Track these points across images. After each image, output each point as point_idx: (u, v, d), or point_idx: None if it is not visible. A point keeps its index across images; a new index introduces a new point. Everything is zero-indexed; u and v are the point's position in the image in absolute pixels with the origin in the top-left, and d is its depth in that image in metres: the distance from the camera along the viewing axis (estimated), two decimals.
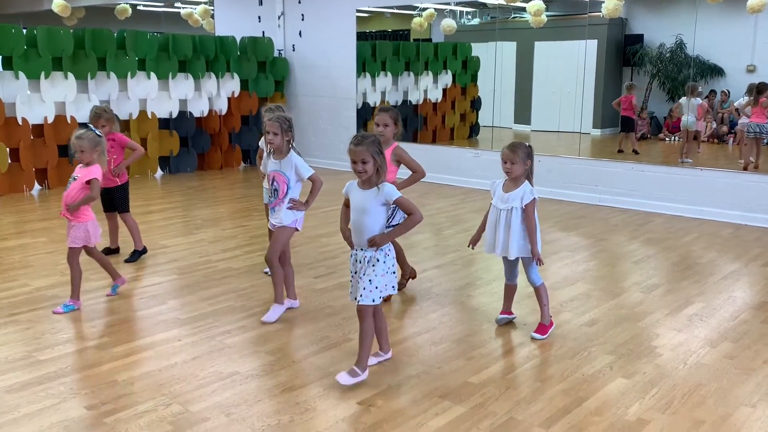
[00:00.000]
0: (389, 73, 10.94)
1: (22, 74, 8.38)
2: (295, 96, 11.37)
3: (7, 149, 8.37)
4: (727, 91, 9.47)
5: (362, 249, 3.37)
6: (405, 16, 11.02)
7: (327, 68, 10.81)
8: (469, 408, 3.19)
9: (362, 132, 3.48)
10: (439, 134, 11.33)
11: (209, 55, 10.30)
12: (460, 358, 3.75)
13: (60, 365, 3.61)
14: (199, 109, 10.35)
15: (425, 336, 4.08)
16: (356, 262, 3.40)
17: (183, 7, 13.82)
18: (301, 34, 11.05)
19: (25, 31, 8.55)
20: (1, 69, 8.42)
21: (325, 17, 10.68)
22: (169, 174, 10.14)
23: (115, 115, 5.72)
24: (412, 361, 3.70)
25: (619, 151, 9.63)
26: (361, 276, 3.36)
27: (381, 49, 10.82)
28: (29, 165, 8.56)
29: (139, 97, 9.61)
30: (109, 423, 3.02)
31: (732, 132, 9.64)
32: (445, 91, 11.34)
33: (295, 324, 4.25)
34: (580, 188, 8.37)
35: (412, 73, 11.13)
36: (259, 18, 11.42)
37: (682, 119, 9.11)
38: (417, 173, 4.53)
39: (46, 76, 8.59)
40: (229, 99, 10.67)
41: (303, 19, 10.95)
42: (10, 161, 8.42)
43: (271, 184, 4.15)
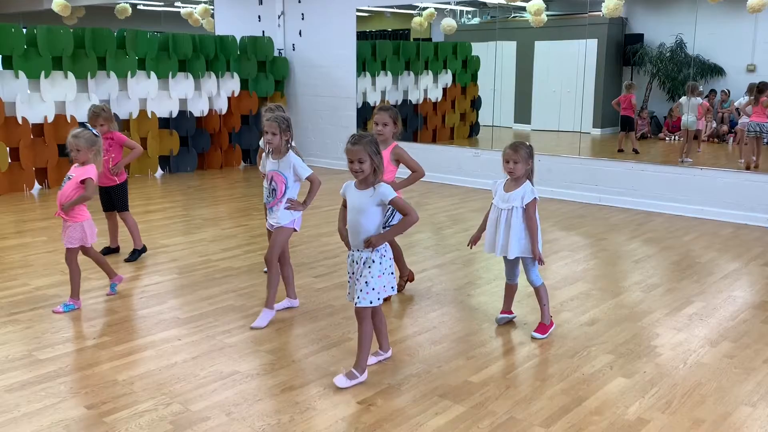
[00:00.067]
0: (389, 73, 10.94)
1: (22, 73, 8.38)
2: (295, 95, 11.37)
3: (7, 148, 8.37)
4: (727, 90, 9.47)
5: (358, 250, 3.36)
6: (405, 16, 11.02)
7: (327, 68, 10.81)
8: (469, 407, 3.19)
9: (359, 131, 3.46)
10: (439, 134, 11.33)
11: (209, 55, 10.30)
12: (460, 358, 3.75)
13: (60, 364, 3.61)
14: (199, 108, 10.34)
15: (425, 335, 4.08)
16: (353, 263, 3.39)
17: (183, 7, 13.81)
18: (301, 34, 11.05)
19: (25, 31, 8.55)
20: (1, 68, 8.42)
21: (325, 17, 10.67)
22: (169, 173, 10.14)
23: (114, 114, 5.71)
24: (412, 361, 3.70)
25: (620, 151, 9.63)
26: (357, 278, 3.35)
27: (381, 49, 10.82)
28: (29, 164, 8.57)
29: (139, 97, 9.61)
30: (109, 422, 3.02)
31: (732, 131, 9.64)
32: (445, 90, 11.34)
33: (295, 323, 4.25)
34: (580, 187, 8.37)
35: (412, 73, 11.12)
36: (259, 17, 11.42)
37: (683, 119, 9.11)
38: (416, 173, 4.52)
39: (46, 76, 8.59)
40: (229, 98, 10.67)
41: (303, 19, 10.95)
42: (10, 160, 8.43)
43: (270, 183, 4.14)
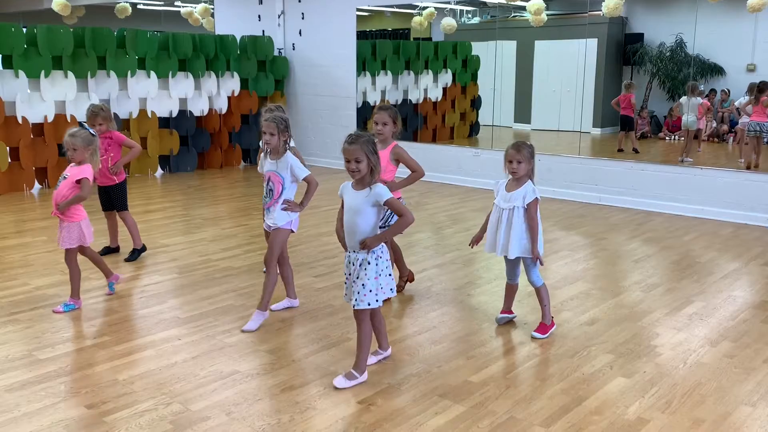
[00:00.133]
0: (389, 72, 10.94)
1: (22, 73, 8.38)
2: (295, 95, 11.37)
3: (7, 148, 8.37)
4: (728, 90, 9.47)
5: (354, 251, 3.34)
6: (405, 15, 11.02)
7: (327, 67, 10.81)
8: (469, 407, 3.19)
9: (357, 131, 3.44)
10: (439, 133, 11.33)
11: (209, 54, 10.30)
12: (460, 357, 3.75)
13: (60, 364, 3.61)
14: (199, 108, 10.34)
15: (425, 335, 4.09)
16: (349, 264, 3.37)
17: (183, 6, 13.81)
18: (301, 33, 11.05)
19: (25, 30, 8.55)
20: (1, 68, 8.42)
21: (325, 16, 10.67)
22: (169, 173, 10.14)
23: (114, 114, 5.70)
24: (412, 360, 3.70)
25: (619, 150, 9.63)
26: (354, 279, 3.34)
27: (381, 48, 10.81)
28: (29, 164, 8.57)
29: (139, 96, 9.60)
30: (109, 422, 3.02)
31: (732, 131, 9.64)
32: (445, 90, 11.34)
33: (295, 323, 4.25)
34: (580, 187, 8.37)
35: (412, 72, 11.12)
36: (259, 17, 11.41)
37: (683, 118, 9.11)
38: (416, 172, 4.51)
39: (46, 75, 8.59)
40: (229, 98, 10.67)
41: (303, 18, 10.95)
42: (10, 160, 8.43)
43: (267, 184, 4.13)
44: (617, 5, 8.26)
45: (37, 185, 8.78)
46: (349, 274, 3.38)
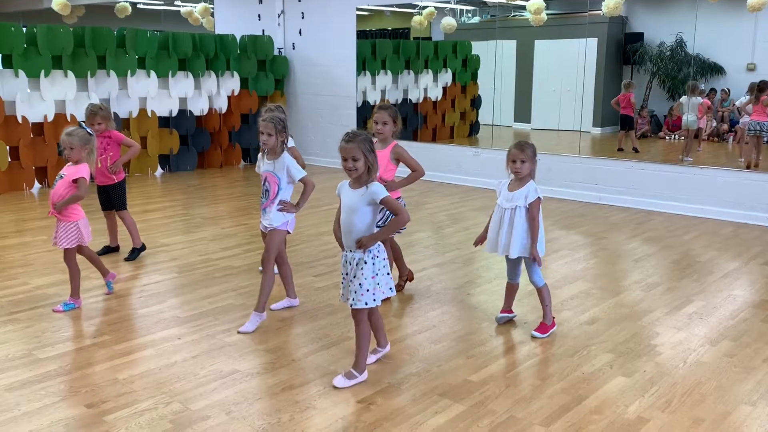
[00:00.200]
0: (389, 72, 10.94)
1: (21, 72, 8.38)
2: (295, 94, 11.37)
3: (7, 147, 8.37)
4: (728, 89, 9.46)
5: (351, 251, 3.33)
6: (405, 15, 11.01)
7: (327, 66, 10.81)
8: (469, 406, 3.19)
9: (353, 129, 3.42)
10: (439, 133, 11.33)
11: (209, 54, 10.30)
12: (460, 357, 3.75)
13: (60, 363, 3.61)
14: (199, 107, 10.34)
15: (425, 334, 4.08)
16: (346, 263, 3.36)
17: (183, 6, 13.80)
18: (301, 33, 11.04)
19: (25, 30, 8.55)
20: (1, 67, 8.42)
21: (325, 15, 10.67)
22: (169, 172, 10.14)
23: (113, 112, 5.70)
24: (412, 360, 3.70)
25: (619, 150, 9.63)
26: (351, 279, 3.32)
27: (381, 48, 10.81)
28: (29, 163, 8.57)
29: (139, 96, 9.60)
30: (109, 421, 3.02)
31: (732, 130, 9.64)
32: (445, 89, 11.33)
33: (295, 322, 4.25)
34: (580, 187, 8.37)
35: (412, 72, 11.12)
36: (259, 16, 11.41)
37: (683, 118, 9.11)
38: (416, 172, 4.51)
39: (46, 75, 8.59)
40: (229, 97, 10.67)
41: (303, 18, 10.95)
42: (10, 159, 8.43)
43: (263, 184, 4.12)
44: (617, 5, 8.25)
45: (37, 184, 8.77)
46: (346, 274, 3.37)
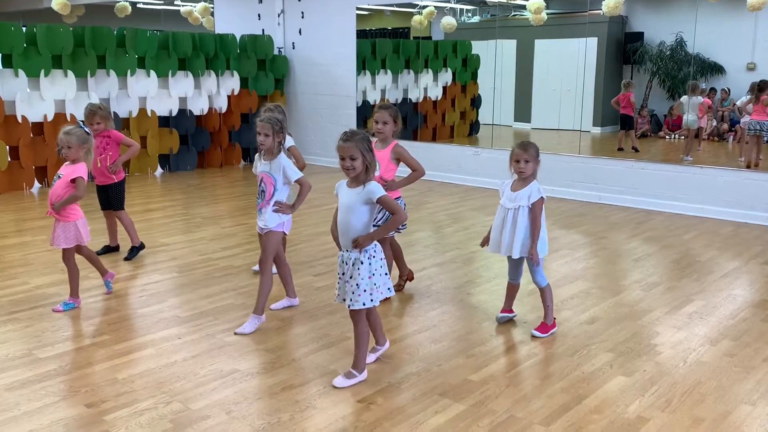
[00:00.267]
0: (389, 71, 10.93)
1: (21, 72, 8.37)
2: (295, 94, 11.37)
3: (7, 147, 8.37)
4: (728, 89, 9.46)
5: (348, 250, 3.32)
6: (405, 14, 11.01)
7: (327, 66, 10.81)
8: (469, 406, 3.19)
9: (351, 128, 3.41)
10: (439, 132, 11.32)
11: (209, 53, 10.30)
12: (460, 356, 3.75)
13: (60, 363, 3.61)
14: (199, 107, 10.34)
15: (425, 334, 4.08)
16: (343, 263, 3.34)
17: (183, 5, 13.80)
18: (301, 32, 11.04)
19: (25, 29, 8.54)
20: (1, 67, 8.41)
21: (325, 15, 10.67)
22: (169, 172, 10.14)
23: (113, 111, 5.70)
24: (412, 359, 3.70)
25: (619, 149, 9.62)
26: (347, 279, 3.31)
27: (381, 47, 10.81)
28: (29, 163, 8.56)
29: (139, 95, 9.60)
30: (109, 421, 3.02)
31: (732, 130, 9.64)
32: (445, 89, 11.33)
33: (295, 322, 4.25)
34: (580, 186, 8.37)
35: (412, 71, 11.12)
36: (259, 16, 11.41)
37: (684, 117, 9.11)
38: (417, 172, 4.51)
39: (46, 74, 8.58)
40: (229, 97, 10.67)
41: (303, 17, 10.94)
42: (9, 159, 8.43)
43: (259, 185, 4.11)
44: (617, 4, 8.25)
45: (37, 184, 8.77)
46: (342, 274, 3.35)
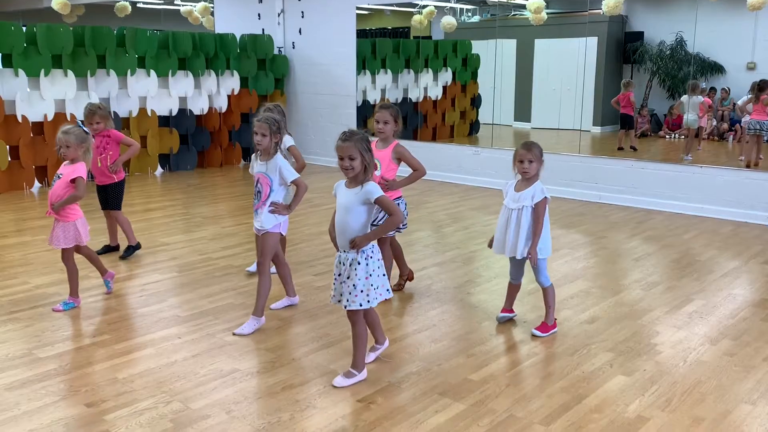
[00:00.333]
0: (389, 71, 10.93)
1: (21, 72, 8.37)
2: (295, 93, 11.37)
3: (7, 147, 8.37)
4: (728, 88, 9.47)
5: (345, 251, 3.31)
6: (405, 14, 11.01)
7: (327, 66, 10.81)
8: (469, 405, 3.19)
9: (350, 128, 3.40)
10: (439, 132, 11.32)
11: (209, 53, 10.30)
12: (460, 356, 3.75)
13: (60, 363, 3.61)
14: (199, 106, 10.34)
15: (425, 333, 4.08)
16: (340, 264, 3.33)
17: (183, 5, 13.80)
18: (301, 32, 11.04)
19: (25, 29, 8.54)
20: (1, 66, 8.41)
21: (325, 15, 10.67)
22: (169, 172, 10.14)
23: (113, 111, 5.69)
24: (412, 359, 3.70)
25: (619, 149, 9.63)
26: (344, 279, 3.30)
27: (381, 47, 10.81)
28: (29, 162, 8.56)
29: (139, 95, 9.59)
30: (110, 420, 3.02)
31: (732, 129, 9.64)
32: (445, 88, 11.33)
33: (295, 321, 4.25)
34: (580, 185, 8.37)
35: (412, 71, 11.12)
36: (259, 15, 11.41)
37: (684, 117, 9.11)
38: (418, 171, 4.50)
39: (46, 74, 8.58)
40: (229, 97, 10.67)
41: (303, 17, 10.94)
42: (9, 159, 8.43)
43: (256, 185, 4.09)
44: (617, 4, 8.25)
45: (37, 184, 8.77)
46: (339, 275, 3.34)
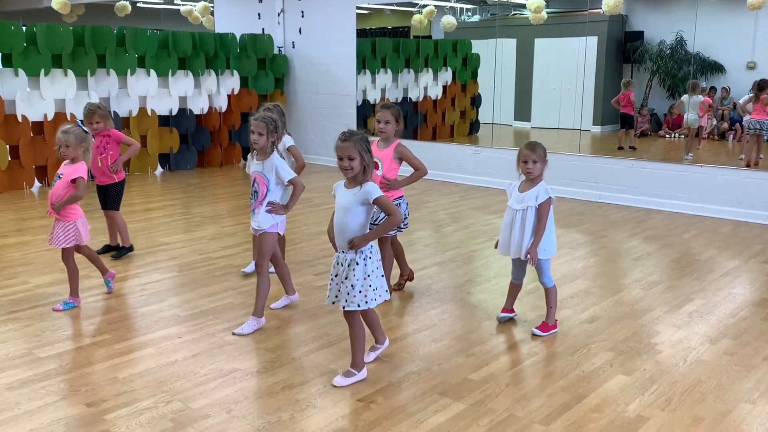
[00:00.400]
0: (389, 70, 10.93)
1: (21, 71, 8.37)
2: (295, 93, 11.36)
3: (7, 146, 8.37)
4: (728, 87, 9.46)
5: (343, 251, 3.30)
6: (405, 13, 11.01)
7: (327, 65, 10.81)
8: (469, 405, 3.19)
9: (350, 128, 3.40)
10: (439, 131, 11.32)
11: (209, 52, 10.29)
12: (460, 355, 3.75)
13: (60, 362, 3.61)
14: (199, 106, 10.34)
15: (425, 333, 4.08)
16: (338, 264, 3.33)
17: (183, 4, 13.80)
18: (300, 31, 11.04)
19: (25, 29, 8.54)
20: (1, 66, 8.41)
21: (325, 14, 10.67)
22: (169, 171, 10.14)
23: (113, 111, 5.69)
24: (412, 358, 3.70)
25: (619, 148, 9.63)
26: (342, 280, 3.29)
27: (381, 46, 10.81)
28: (29, 162, 8.56)
29: (139, 95, 9.59)
30: (110, 420, 3.02)
31: (732, 129, 9.64)
32: (445, 88, 11.33)
33: (295, 321, 4.25)
34: (580, 185, 8.37)
35: (412, 70, 11.12)
36: (259, 15, 11.41)
37: (685, 116, 9.11)
38: (419, 171, 4.50)
39: (46, 74, 8.58)
40: (229, 96, 10.66)
41: (303, 16, 10.94)
42: (10, 158, 8.43)
43: (252, 185, 4.08)
44: (617, 3, 8.25)
45: (37, 183, 8.77)
46: (336, 275, 3.34)
